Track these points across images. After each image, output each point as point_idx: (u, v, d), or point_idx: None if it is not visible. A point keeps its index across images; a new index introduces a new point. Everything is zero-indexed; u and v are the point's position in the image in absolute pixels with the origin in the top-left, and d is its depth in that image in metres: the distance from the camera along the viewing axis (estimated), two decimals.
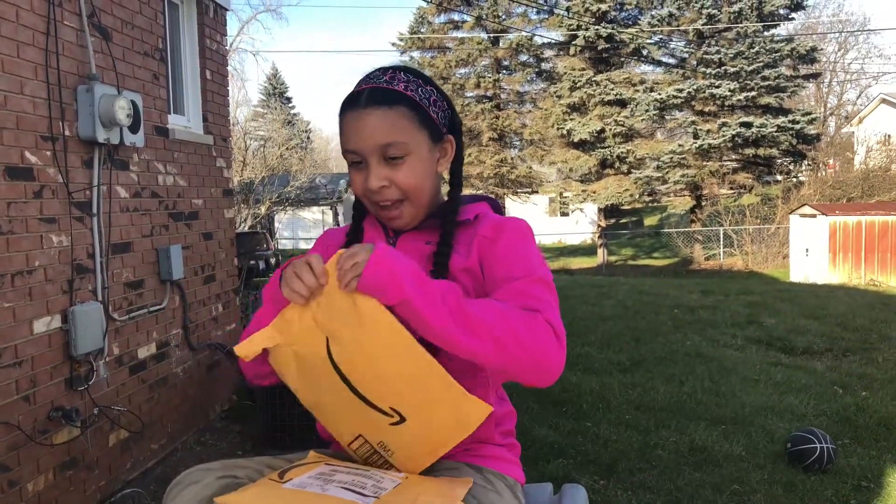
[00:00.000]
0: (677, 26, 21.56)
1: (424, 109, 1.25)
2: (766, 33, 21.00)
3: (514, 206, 26.31)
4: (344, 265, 1.08)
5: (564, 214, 29.76)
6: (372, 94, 1.22)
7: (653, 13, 22.13)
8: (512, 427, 1.37)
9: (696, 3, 20.85)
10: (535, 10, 24.88)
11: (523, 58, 25.91)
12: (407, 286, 1.05)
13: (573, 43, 22.59)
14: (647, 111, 21.25)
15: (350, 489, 1.05)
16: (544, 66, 25.81)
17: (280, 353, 1.19)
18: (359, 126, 1.22)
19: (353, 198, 1.41)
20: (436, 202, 1.33)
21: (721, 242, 20.33)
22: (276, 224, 29.53)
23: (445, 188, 1.39)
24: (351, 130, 1.23)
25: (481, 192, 25.11)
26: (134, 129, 3.33)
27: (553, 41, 24.43)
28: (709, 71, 20.83)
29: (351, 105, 1.24)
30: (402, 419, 1.11)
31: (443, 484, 1.12)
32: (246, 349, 1.18)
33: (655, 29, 21.94)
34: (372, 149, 1.22)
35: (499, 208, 1.40)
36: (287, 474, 1.13)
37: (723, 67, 20.52)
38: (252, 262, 13.32)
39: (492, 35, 25.57)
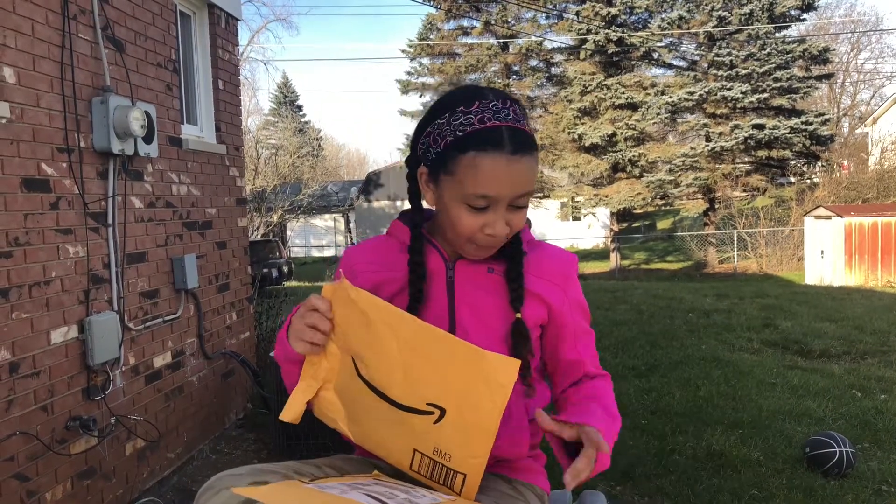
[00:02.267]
0: (687, 29, 21.50)
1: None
2: (777, 34, 20.89)
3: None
4: (585, 468, 1.11)
5: (577, 219, 29.69)
6: (518, 138, 1.14)
7: (663, 16, 22.07)
8: (538, 440, 1.36)
9: (706, 5, 20.79)
10: (544, 14, 24.90)
11: (533, 63, 25.93)
12: (613, 434, 1.21)
13: (583, 47, 22.57)
14: (658, 114, 21.18)
15: (374, 496, 1.04)
16: (554, 70, 25.81)
17: (321, 401, 1.21)
18: (508, 174, 1.13)
19: (364, 205, 1.40)
20: None
21: (735, 245, 20.19)
22: (289, 232, 29.65)
23: None
24: (495, 177, 1.13)
25: None
26: (148, 139, 3.36)
27: (563, 45, 24.42)
28: (720, 73, 20.74)
29: (496, 147, 1.12)
30: (443, 412, 1.09)
31: None
32: (290, 413, 1.19)
33: (665, 32, 21.88)
34: (510, 196, 1.15)
35: (529, 223, 1.42)
36: (318, 480, 1.13)
37: (734, 69, 20.42)
38: (265, 269, 13.40)
39: (501, 40, 25.61)
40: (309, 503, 1.02)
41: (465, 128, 1.14)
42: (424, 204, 1.28)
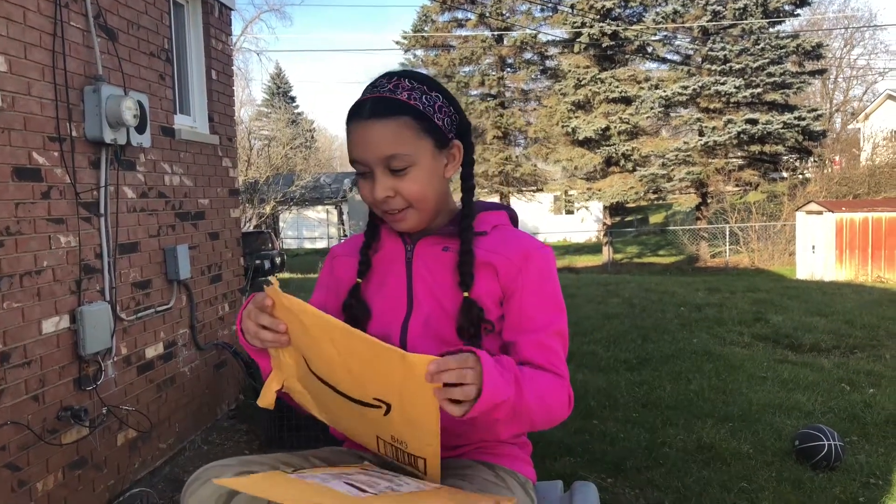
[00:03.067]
0: (682, 23, 21.51)
1: (429, 118, 1.25)
2: (771, 30, 20.94)
3: (519, 205, 26.28)
4: (445, 377, 1.03)
5: (569, 212, 29.73)
6: (375, 104, 1.23)
7: (657, 10, 22.08)
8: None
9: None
10: (539, 7, 24.87)
11: (527, 55, 25.90)
12: (507, 388, 1.09)
13: (578, 40, 22.57)
14: (651, 108, 21.22)
15: (355, 485, 1.05)
16: (549, 63, 25.79)
17: (292, 391, 1.24)
18: (363, 138, 1.23)
19: (358, 197, 1.43)
20: (446, 206, 1.35)
21: (727, 240, 20.28)
22: (281, 223, 29.57)
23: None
24: (356, 141, 1.25)
25: (486, 190, 25.11)
26: (140, 129, 3.34)
27: (557, 38, 24.41)
28: (714, 68, 20.78)
29: (356, 115, 1.25)
30: (388, 406, 1.11)
31: (467, 498, 1.07)
32: (264, 401, 1.23)
33: (660, 26, 21.89)
34: (376, 160, 1.23)
35: (516, 220, 1.43)
36: (303, 471, 1.14)
37: (728, 64, 20.46)
38: (258, 261, 13.36)
39: (496, 33, 25.56)
40: (289, 492, 1.02)
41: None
42: None
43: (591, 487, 1.40)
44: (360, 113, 1.24)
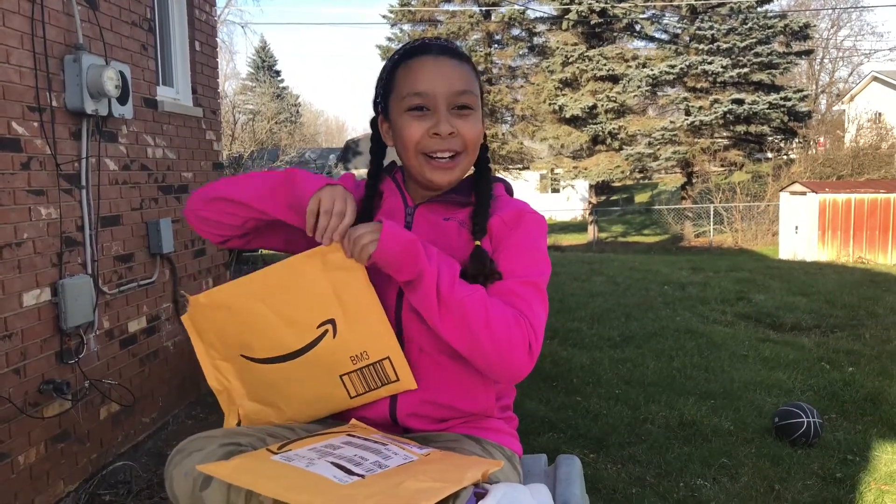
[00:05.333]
0: (670, 1, 21.42)
1: (479, 75, 1.30)
2: (759, 9, 20.89)
3: None
4: (352, 235, 1.11)
5: (555, 191, 29.72)
6: (444, 45, 1.26)
7: None
8: (510, 402, 1.38)
9: None
10: None
11: (515, 32, 25.69)
12: (423, 258, 1.09)
13: (566, 17, 22.42)
14: (639, 87, 21.18)
15: (341, 465, 1.03)
16: (536, 40, 25.60)
17: (249, 414, 1.33)
18: (436, 70, 1.23)
19: (342, 173, 1.42)
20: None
21: (711, 219, 20.38)
22: None
23: None
24: (425, 73, 1.22)
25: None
26: (122, 100, 3.29)
27: (545, 15, 24.23)
28: (701, 47, 20.74)
29: (422, 52, 1.24)
30: (332, 322, 1.16)
31: (454, 466, 1.07)
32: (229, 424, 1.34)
33: (648, 4, 21.79)
34: (446, 94, 1.22)
35: (511, 191, 1.43)
36: (289, 446, 1.12)
37: (715, 44, 20.43)
38: None
39: (483, 8, 25.31)
40: (272, 480, 1.00)
41: (396, 55, 1.28)
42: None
43: (575, 460, 1.41)
44: (429, 50, 1.24)
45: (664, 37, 23.15)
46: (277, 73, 43.15)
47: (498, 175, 1.43)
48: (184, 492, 1.12)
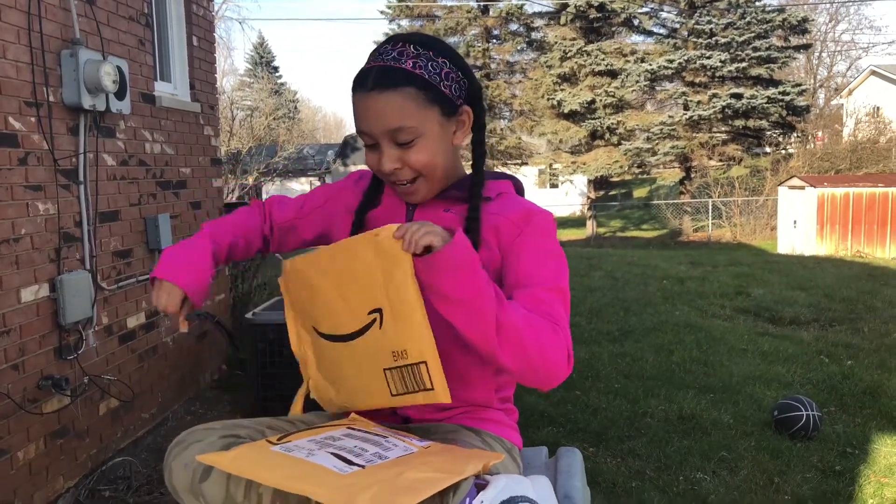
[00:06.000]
0: None
1: (434, 86, 1.21)
2: (757, 3, 20.87)
3: None
4: (413, 228, 1.07)
5: (554, 186, 29.73)
6: (378, 74, 1.20)
7: None
8: (510, 394, 1.37)
9: None
10: None
11: (513, 27, 25.66)
12: (482, 279, 1.06)
13: (564, 12, 22.38)
14: (637, 82, 21.16)
15: (341, 456, 1.03)
16: (535, 35, 25.57)
17: (317, 386, 1.36)
18: (367, 110, 1.21)
19: (340, 169, 1.42)
20: (455, 173, 1.32)
21: (710, 214, 20.39)
22: (264, 195, 29.32)
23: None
24: (360, 114, 1.22)
25: (470, 162, 24.92)
26: (120, 95, 3.28)
27: (544, 10, 24.19)
28: (700, 41, 20.72)
29: (360, 86, 1.22)
30: (380, 311, 1.14)
31: (455, 458, 1.07)
32: (295, 409, 1.43)
33: None
34: (381, 133, 1.21)
35: (521, 189, 1.39)
36: (288, 437, 1.12)
37: (714, 38, 20.41)
38: None
39: (481, 3, 25.27)
40: (271, 470, 1.00)
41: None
42: None
43: (576, 453, 1.41)
44: (364, 84, 1.20)
45: (662, 31, 23.14)
46: (275, 69, 43.06)
47: (502, 172, 1.41)
48: (183, 483, 1.12)
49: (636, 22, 23.01)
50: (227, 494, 1.11)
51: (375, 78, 1.20)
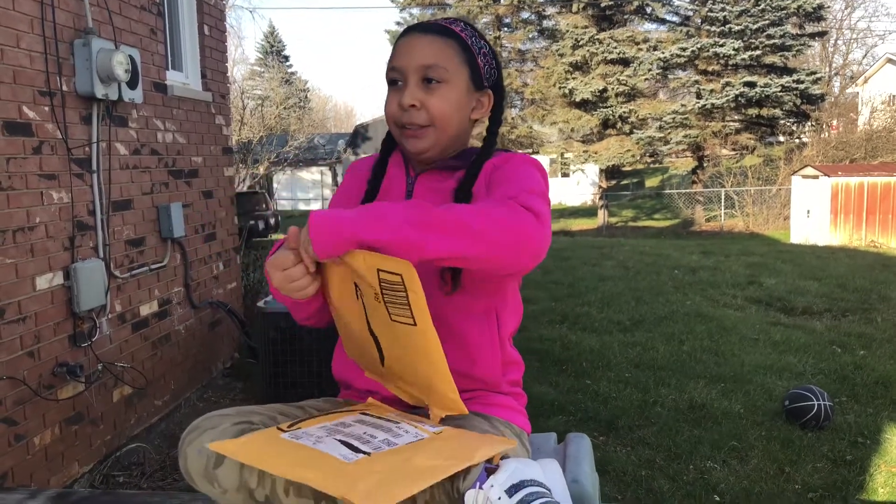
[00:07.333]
0: None
1: (472, 52, 1.30)
2: None
3: None
4: (298, 245, 1.07)
5: (565, 175, 29.61)
6: (429, 24, 1.30)
7: None
8: (519, 377, 1.38)
9: None
10: None
11: (525, 15, 25.49)
12: (347, 228, 1.02)
13: (576, 0, 22.22)
14: (649, 70, 21.00)
15: (348, 443, 1.04)
16: (546, 23, 25.38)
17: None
18: (408, 46, 1.28)
19: (352, 158, 1.42)
20: (463, 146, 1.37)
21: (722, 204, 20.26)
22: (275, 184, 29.41)
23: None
24: (399, 49, 1.29)
25: None
26: (132, 84, 3.29)
27: None
28: (713, 29, 20.52)
29: (408, 30, 1.31)
30: (354, 285, 1.11)
31: (465, 444, 1.06)
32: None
33: None
34: (413, 67, 1.26)
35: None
36: (299, 424, 1.13)
37: (727, 26, 20.20)
38: (252, 221, 13.31)
39: None
40: (277, 458, 1.01)
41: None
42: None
43: (584, 439, 1.42)
44: (415, 28, 1.30)
45: (675, 19, 22.91)
46: (286, 58, 43.04)
47: (511, 150, 1.42)
48: (197, 469, 1.14)
49: (649, 9, 22.80)
50: (240, 480, 1.12)
51: (425, 26, 1.30)
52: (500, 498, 0.96)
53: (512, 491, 0.96)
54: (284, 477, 0.98)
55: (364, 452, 1.00)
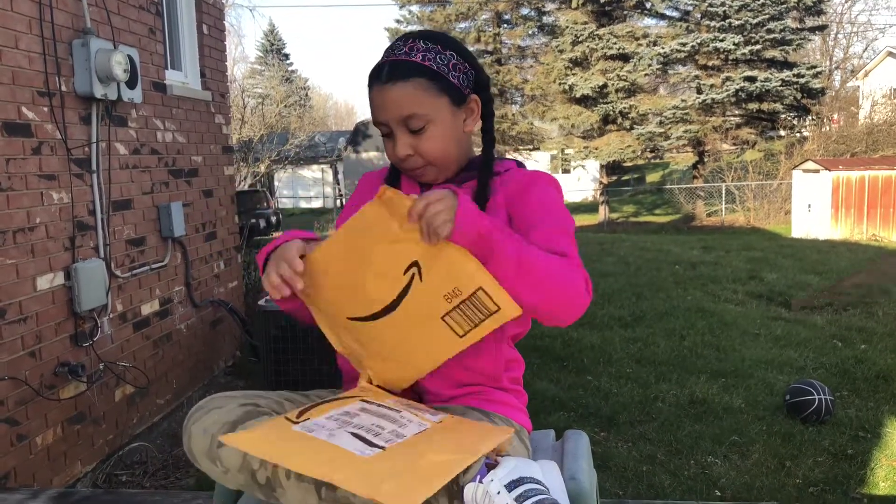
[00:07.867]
0: None
1: (443, 76, 1.30)
2: None
3: None
4: (428, 210, 1.08)
5: (566, 171, 29.58)
6: (391, 68, 1.29)
7: None
8: (519, 375, 1.39)
9: None
10: None
11: (524, 11, 25.45)
12: (485, 224, 1.10)
13: None
14: (649, 66, 20.96)
15: (361, 436, 1.05)
16: (546, 19, 25.35)
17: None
18: (380, 100, 1.30)
19: (353, 156, 1.45)
20: (466, 157, 1.40)
21: (723, 198, 20.24)
22: (276, 182, 29.40)
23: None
24: (376, 104, 1.31)
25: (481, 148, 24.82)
26: (131, 84, 3.30)
27: None
28: (713, 24, 20.48)
29: (375, 79, 1.31)
30: (416, 264, 1.14)
31: (468, 435, 1.08)
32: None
33: None
34: (395, 121, 1.30)
35: (524, 168, 1.47)
36: (307, 413, 1.14)
37: (727, 20, 20.16)
38: (252, 220, 13.32)
39: None
40: (295, 455, 1.02)
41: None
42: None
43: (582, 435, 1.42)
44: (379, 77, 1.30)
45: (675, 14, 22.86)
46: (286, 56, 43.01)
47: (508, 157, 1.45)
48: (200, 448, 1.15)
49: (648, 5, 22.75)
50: (243, 461, 1.13)
51: (389, 71, 1.29)
52: (499, 492, 0.98)
53: (511, 486, 0.99)
54: (310, 475, 0.99)
55: (378, 446, 1.03)
